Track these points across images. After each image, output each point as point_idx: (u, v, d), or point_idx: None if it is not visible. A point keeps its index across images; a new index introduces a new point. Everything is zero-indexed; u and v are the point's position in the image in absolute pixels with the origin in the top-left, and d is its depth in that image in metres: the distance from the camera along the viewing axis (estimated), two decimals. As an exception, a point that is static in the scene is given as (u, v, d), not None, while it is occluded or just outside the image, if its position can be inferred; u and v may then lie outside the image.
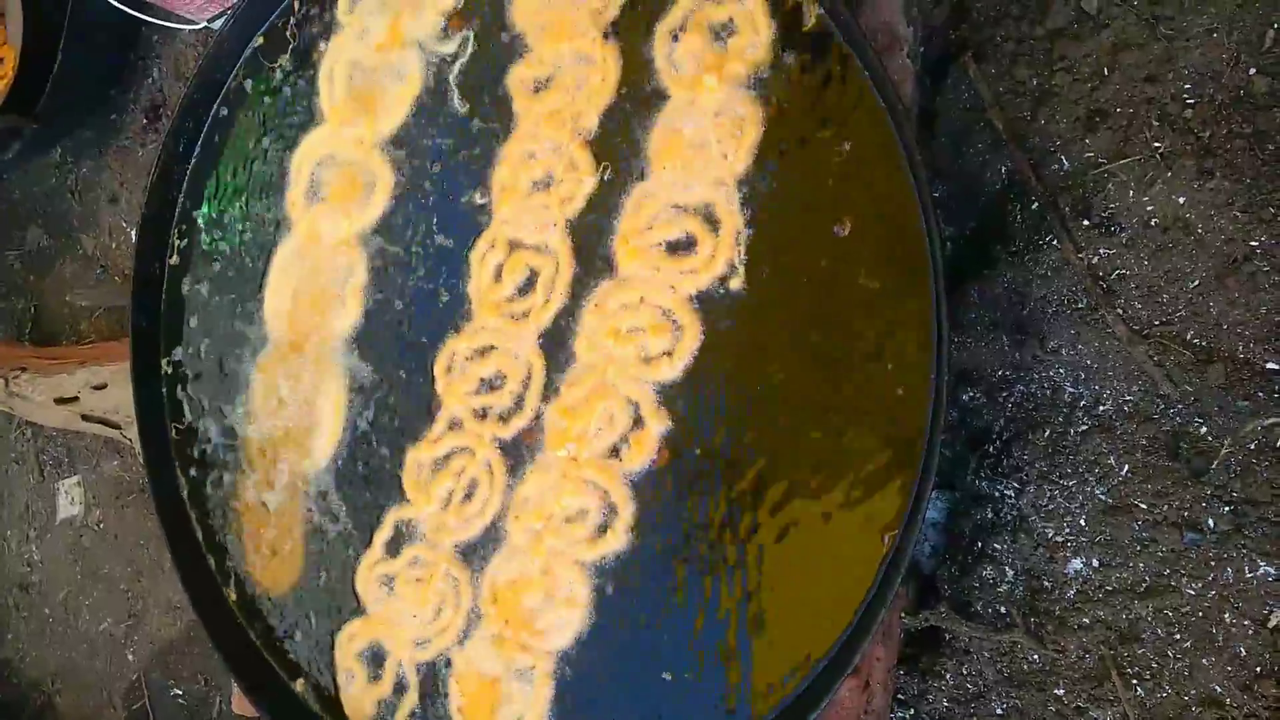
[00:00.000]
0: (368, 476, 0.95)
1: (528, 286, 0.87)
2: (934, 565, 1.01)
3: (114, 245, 1.69)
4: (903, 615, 0.94)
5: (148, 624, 1.63)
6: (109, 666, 1.67)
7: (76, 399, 1.55)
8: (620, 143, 0.85)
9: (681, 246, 0.81)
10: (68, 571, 1.72)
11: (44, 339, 1.77)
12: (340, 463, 0.97)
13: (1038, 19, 0.94)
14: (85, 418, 1.56)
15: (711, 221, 0.80)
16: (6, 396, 1.60)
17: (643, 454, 0.81)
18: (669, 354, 0.80)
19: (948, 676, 0.94)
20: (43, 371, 1.58)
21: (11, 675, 1.79)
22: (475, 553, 0.89)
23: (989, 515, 0.93)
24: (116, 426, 1.55)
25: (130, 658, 1.65)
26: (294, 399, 1.02)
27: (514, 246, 0.88)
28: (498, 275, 0.88)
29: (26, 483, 1.79)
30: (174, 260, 1.08)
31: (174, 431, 1.08)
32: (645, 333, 0.81)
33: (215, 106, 1.07)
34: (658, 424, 0.81)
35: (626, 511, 0.81)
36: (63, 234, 1.76)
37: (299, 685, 0.99)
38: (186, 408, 1.08)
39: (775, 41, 0.80)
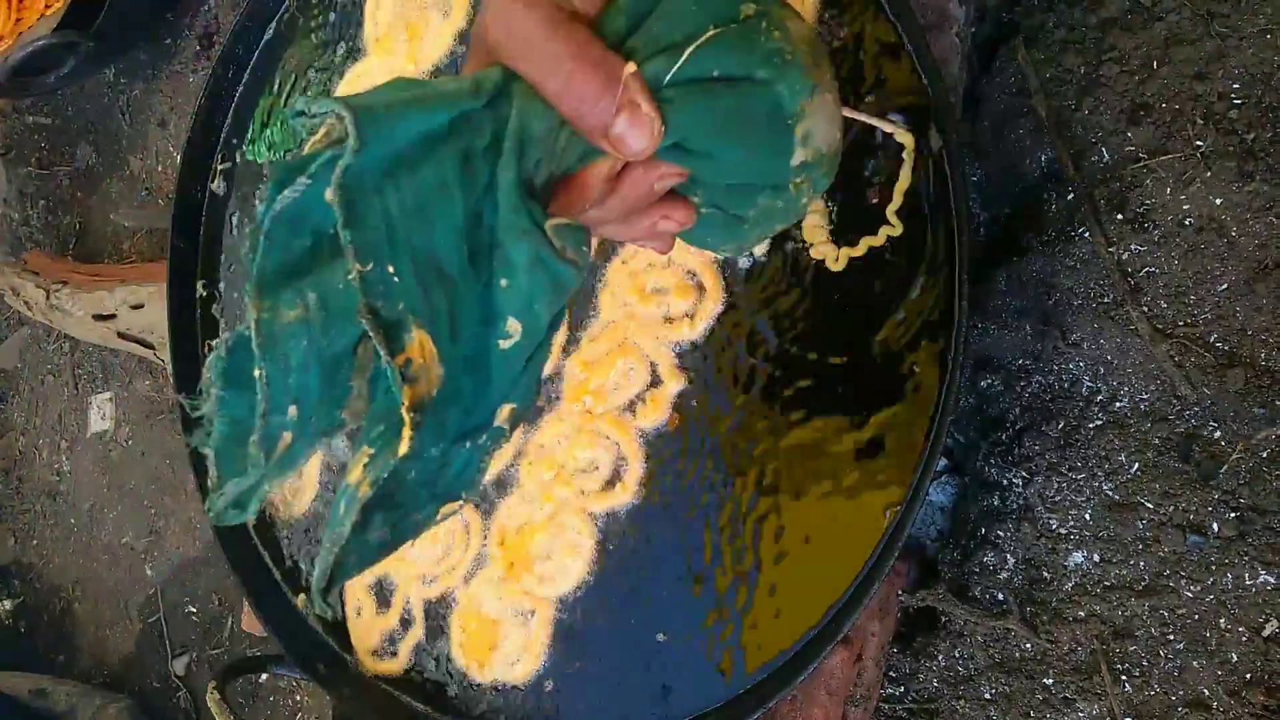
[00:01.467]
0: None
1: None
2: (937, 548, 1.01)
3: (160, 168, 1.72)
4: (900, 593, 0.95)
5: (168, 540, 1.67)
6: (128, 578, 1.72)
7: (114, 316, 1.59)
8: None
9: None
10: (95, 483, 1.77)
11: (87, 256, 1.80)
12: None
13: (1091, 7, 0.93)
14: (121, 335, 1.60)
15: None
16: (48, 309, 1.64)
17: (657, 412, 0.82)
18: (690, 316, 0.81)
19: (940, 658, 0.95)
20: (83, 287, 1.62)
21: (35, 579, 1.85)
22: (486, 496, 0.91)
23: (995, 502, 0.93)
24: (150, 346, 1.59)
25: (149, 572, 1.69)
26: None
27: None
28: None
29: (60, 395, 1.84)
30: (215, 185, 1.10)
31: (207, 350, 1.10)
32: (669, 293, 0.82)
33: (265, 35, 1.08)
34: (675, 384, 0.82)
35: (637, 466, 0.83)
36: (111, 154, 1.79)
37: (304, 605, 1.02)
38: (218, 330, 1.10)
39: (818, 5, 0.80)
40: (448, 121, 0.39)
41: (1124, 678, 0.84)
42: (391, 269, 0.37)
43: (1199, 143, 0.86)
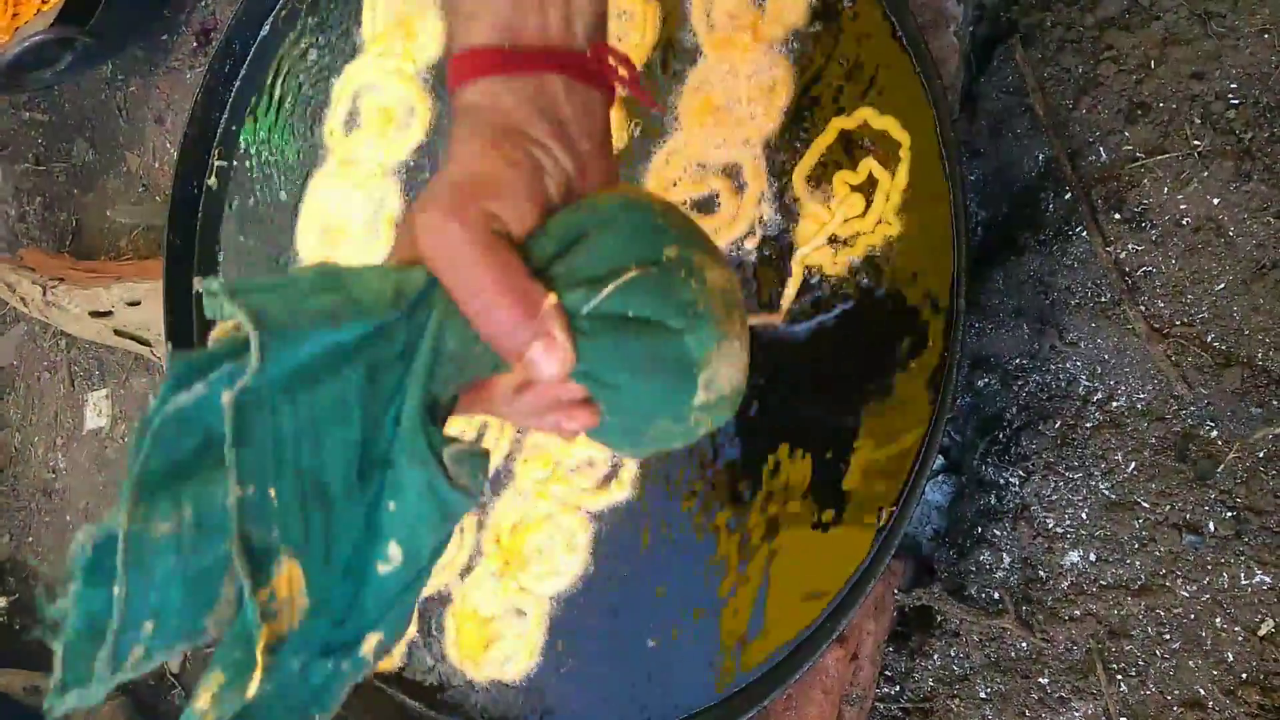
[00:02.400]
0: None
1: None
2: (933, 547, 1.01)
3: (157, 165, 1.71)
4: (896, 592, 0.95)
5: (163, 538, 1.67)
6: (123, 576, 1.71)
7: (111, 313, 1.58)
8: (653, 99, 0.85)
9: (706, 205, 0.82)
10: (90, 481, 1.76)
11: (83, 253, 1.80)
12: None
13: (1089, 6, 0.93)
14: (118, 332, 1.59)
15: (737, 182, 0.80)
16: (44, 306, 1.63)
17: (651, 408, 0.82)
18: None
19: (935, 657, 0.95)
20: (80, 284, 1.61)
21: (30, 576, 1.85)
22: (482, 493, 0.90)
23: (992, 501, 0.93)
24: (147, 344, 1.58)
25: (144, 569, 1.69)
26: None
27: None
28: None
29: (56, 392, 1.83)
30: (212, 181, 1.10)
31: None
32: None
33: (262, 31, 1.08)
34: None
35: (632, 464, 0.83)
36: (108, 150, 1.79)
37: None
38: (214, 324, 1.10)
39: (813, 6, 0.79)
40: (359, 335, 0.39)
41: (1119, 677, 0.84)
42: (273, 492, 0.37)
43: (1196, 142, 0.86)
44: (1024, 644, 0.89)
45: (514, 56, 0.45)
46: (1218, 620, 0.81)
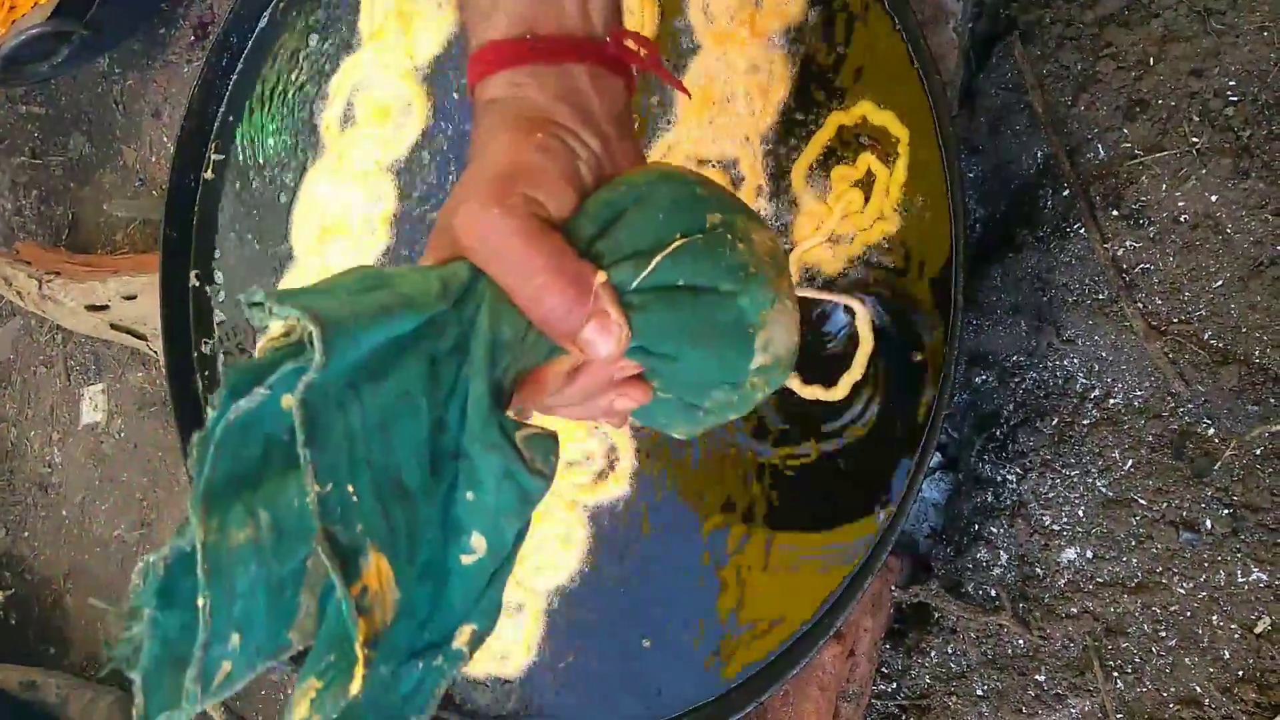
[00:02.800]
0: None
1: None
2: (931, 545, 1.01)
3: (154, 159, 1.71)
4: (893, 589, 0.95)
5: (159, 533, 1.67)
6: (120, 571, 1.71)
7: (107, 307, 1.58)
8: (649, 93, 0.85)
9: (704, 201, 0.82)
10: (86, 476, 1.76)
11: (80, 247, 1.79)
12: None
13: (1089, 3, 0.93)
14: (114, 326, 1.59)
15: (734, 176, 0.80)
16: (40, 299, 1.63)
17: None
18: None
19: (932, 654, 0.95)
20: (76, 277, 1.61)
21: (25, 571, 1.84)
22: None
23: (989, 498, 0.93)
24: (143, 338, 1.58)
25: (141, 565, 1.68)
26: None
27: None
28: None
29: (53, 386, 1.83)
30: (208, 174, 1.09)
31: (203, 346, 1.10)
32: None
33: (260, 23, 1.08)
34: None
35: (629, 458, 0.83)
36: (105, 144, 1.78)
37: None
38: (211, 321, 1.10)
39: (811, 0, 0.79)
40: (414, 329, 0.38)
41: (1116, 674, 0.84)
42: (351, 489, 0.36)
43: (1195, 140, 0.86)
44: (1021, 641, 0.89)
45: (536, 47, 0.45)
46: (1214, 618, 0.81)
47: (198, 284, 1.09)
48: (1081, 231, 0.90)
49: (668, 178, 0.45)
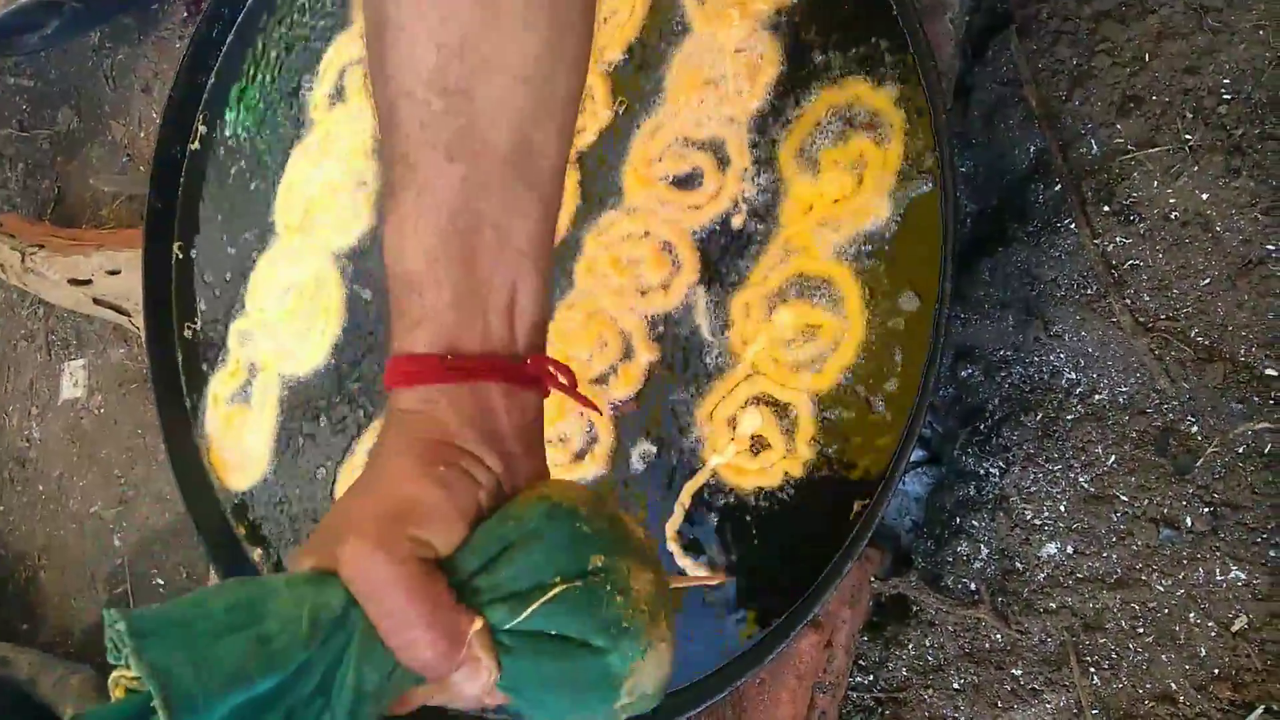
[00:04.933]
0: (353, 393, 0.96)
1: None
2: (912, 538, 1.01)
3: (143, 134, 1.69)
4: (873, 580, 0.94)
5: (137, 511, 1.65)
6: (96, 548, 1.70)
7: (90, 281, 1.56)
8: (639, 74, 0.85)
9: (688, 181, 0.81)
10: (65, 451, 1.74)
11: (65, 221, 1.78)
12: (329, 371, 0.98)
13: (1086, -2, 0.93)
14: (97, 301, 1.57)
15: (720, 158, 0.80)
16: (22, 272, 1.61)
17: (629, 385, 0.81)
18: (665, 287, 0.80)
19: (910, 646, 0.95)
20: (60, 251, 1.59)
21: (0, 546, 1.83)
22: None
23: (971, 492, 0.93)
24: (126, 314, 1.56)
25: (117, 543, 1.67)
26: (291, 301, 1.02)
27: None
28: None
29: (33, 360, 1.81)
30: (195, 145, 1.08)
31: (186, 330, 1.08)
32: (644, 264, 0.81)
33: (250, -5, 1.07)
34: (647, 355, 0.81)
35: (607, 439, 0.82)
36: (93, 118, 1.77)
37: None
38: (193, 295, 1.08)
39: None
40: (273, 687, 0.38)
41: (1092, 670, 0.84)
42: None
43: (1188, 137, 0.85)
44: (998, 635, 0.89)
45: (454, 367, 0.45)
46: (1192, 615, 0.81)
47: (180, 256, 1.08)
48: (1072, 226, 0.89)
49: (556, 513, 0.45)
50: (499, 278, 0.47)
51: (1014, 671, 0.87)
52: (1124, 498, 0.84)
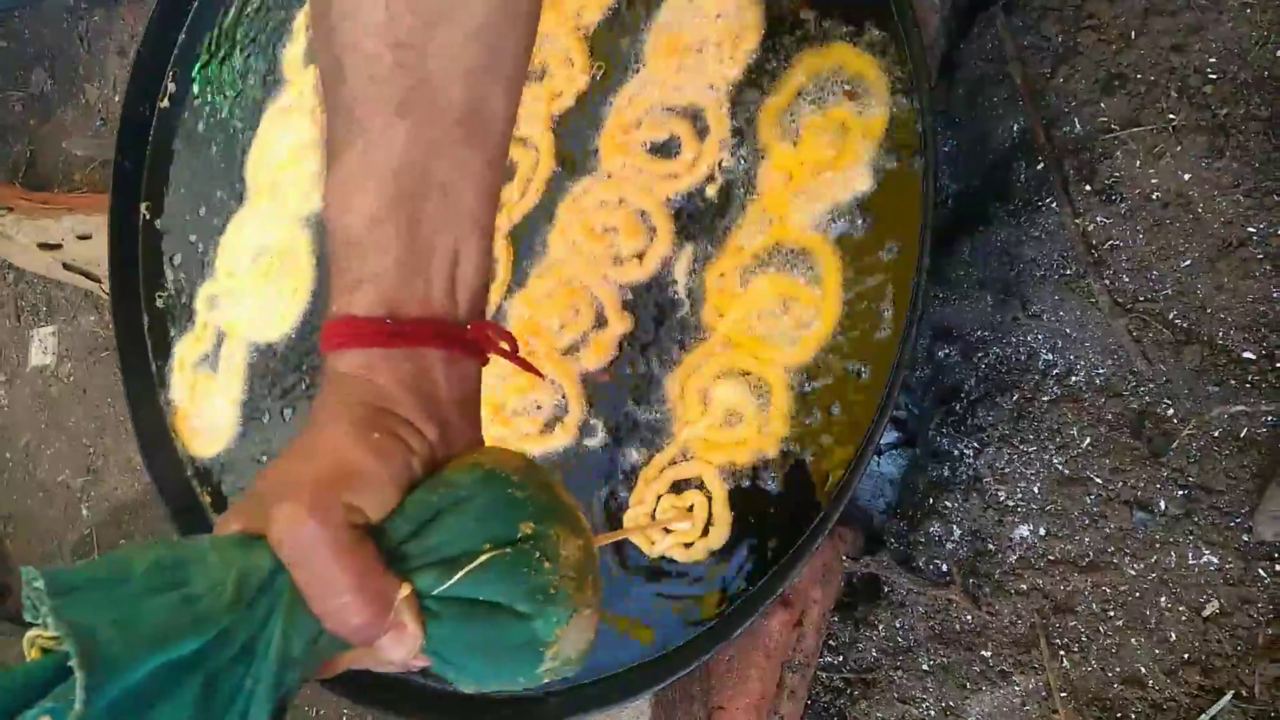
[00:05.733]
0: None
1: (506, 178, 0.85)
2: (885, 519, 1.00)
3: (117, 98, 1.66)
4: (844, 559, 0.94)
5: (105, 480, 1.63)
6: (63, 517, 1.67)
7: (60, 246, 1.54)
8: (618, 39, 0.83)
9: (666, 149, 0.79)
10: (33, 419, 1.72)
11: (37, 184, 1.75)
12: (298, 337, 0.96)
13: (1073, -26, 0.91)
14: (67, 266, 1.55)
15: (699, 126, 0.78)
16: (-9, 235, 1.58)
17: (601, 355, 0.80)
18: (639, 256, 0.79)
19: (880, 628, 0.94)
20: (30, 214, 1.56)
21: (-32, 515, 1.80)
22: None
23: (945, 472, 0.92)
24: (96, 279, 1.54)
25: (84, 512, 1.65)
26: (261, 264, 1.00)
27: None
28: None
29: (2, 327, 1.78)
30: (164, 104, 1.06)
31: (158, 300, 1.06)
32: (619, 232, 0.79)
33: (223, -49, 1.04)
34: (620, 325, 0.79)
35: (578, 410, 0.80)
36: (67, 81, 1.74)
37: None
38: (160, 257, 1.06)
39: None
40: (196, 650, 0.37)
41: (1062, 652, 0.83)
42: None
43: (1171, 116, 0.84)
44: (969, 616, 0.88)
45: (395, 331, 0.44)
46: (1163, 600, 0.80)
47: (148, 216, 1.06)
48: (1053, 206, 0.88)
49: (488, 480, 0.45)
50: (443, 241, 0.45)
51: (984, 653, 0.87)
52: (1098, 480, 0.84)
